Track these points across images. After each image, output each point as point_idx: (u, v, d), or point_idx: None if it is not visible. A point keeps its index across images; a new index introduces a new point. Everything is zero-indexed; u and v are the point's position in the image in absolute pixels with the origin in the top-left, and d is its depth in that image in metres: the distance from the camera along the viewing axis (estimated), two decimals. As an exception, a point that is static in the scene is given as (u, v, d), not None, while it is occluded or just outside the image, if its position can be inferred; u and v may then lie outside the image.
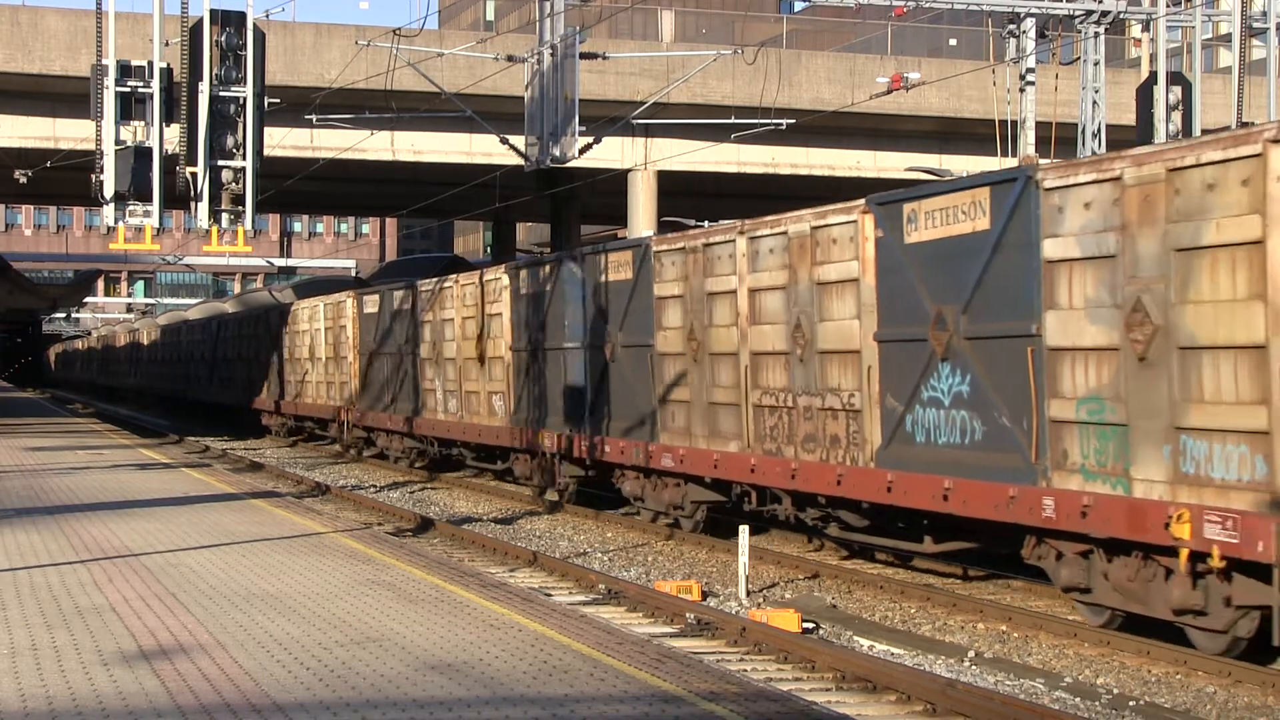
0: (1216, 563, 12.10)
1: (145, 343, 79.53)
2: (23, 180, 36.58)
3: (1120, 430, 13.16)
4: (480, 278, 28.96)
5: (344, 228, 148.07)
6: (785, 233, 18.38)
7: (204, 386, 59.82)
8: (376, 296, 36.36)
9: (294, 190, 44.08)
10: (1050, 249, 13.96)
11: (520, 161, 27.73)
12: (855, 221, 17.03)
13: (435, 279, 32.73)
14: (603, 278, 23.28)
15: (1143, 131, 28.64)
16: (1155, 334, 12.76)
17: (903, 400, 16.22)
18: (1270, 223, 11.73)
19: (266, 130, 21.65)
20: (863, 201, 17.01)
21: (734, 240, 19.51)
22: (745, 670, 12.02)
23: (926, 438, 15.87)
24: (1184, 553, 12.36)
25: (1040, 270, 14.06)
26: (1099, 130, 29.45)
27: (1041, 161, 14.38)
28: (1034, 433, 14.15)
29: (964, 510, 15.10)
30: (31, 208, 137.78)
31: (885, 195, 16.69)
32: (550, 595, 15.67)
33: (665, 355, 21.39)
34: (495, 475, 30.20)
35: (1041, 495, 13.95)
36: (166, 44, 20.98)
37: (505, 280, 27.54)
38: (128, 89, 20.58)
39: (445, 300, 30.81)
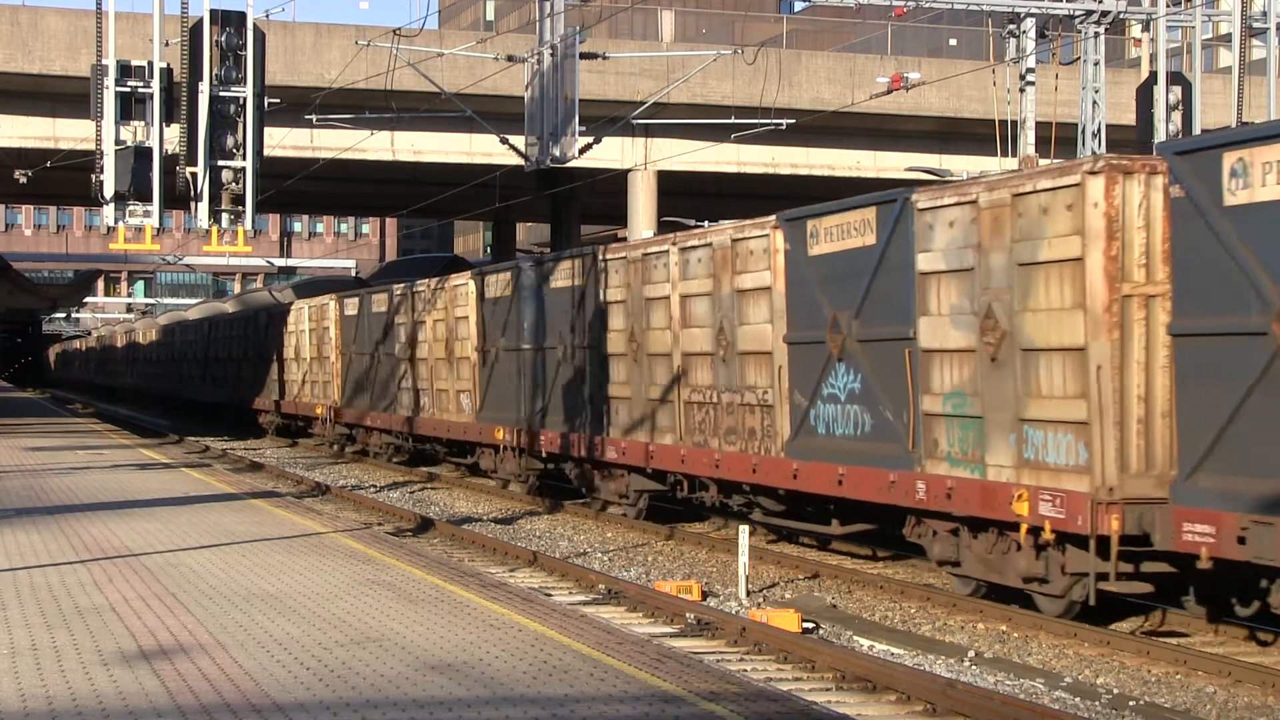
0: (1048, 535, 14.06)
1: (141, 343, 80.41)
2: (23, 180, 36.57)
3: (977, 422, 15.12)
4: (449, 283, 30.95)
5: (344, 228, 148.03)
6: (710, 245, 20.29)
7: (197, 386, 61.05)
8: (356, 300, 38.15)
9: (294, 190, 44.06)
10: (923, 262, 15.89)
11: (520, 161, 27.72)
12: (768, 236, 18.90)
13: (406, 283, 34.47)
14: (557, 284, 25.18)
15: (1143, 131, 28.60)
16: (1003, 338, 14.72)
17: (807, 396, 18.11)
18: (1088, 243, 13.68)
19: (266, 130, 21.63)
20: (774, 218, 18.84)
21: (668, 251, 21.43)
22: (745, 670, 12.02)
23: (826, 430, 17.76)
24: (1024, 527, 14.37)
25: (915, 281, 15.98)
26: (1099, 130, 29.42)
27: (917, 186, 16.33)
28: (911, 424, 16.09)
29: (855, 494, 17.08)
30: (31, 208, 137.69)
31: (792, 212, 18.51)
32: (550, 595, 15.67)
33: (611, 355, 23.25)
34: (469, 469, 31.53)
35: (916, 480, 15.90)
36: (166, 44, 20.95)
37: (471, 286, 29.36)
38: (128, 89, 20.55)
39: (418, 303, 32.72)
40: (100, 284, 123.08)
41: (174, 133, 20.41)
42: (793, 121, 35.36)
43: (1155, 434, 13.58)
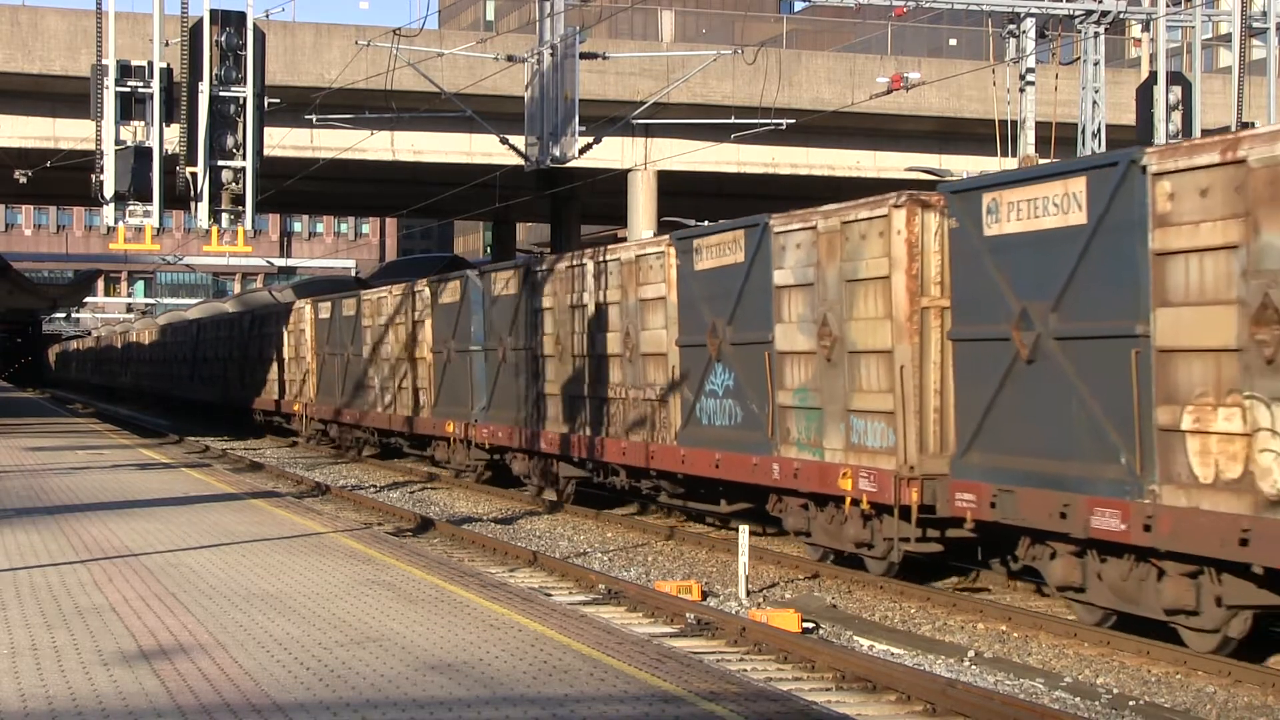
0: (866, 506, 16.77)
1: (137, 343, 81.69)
2: (23, 180, 36.53)
3: (817, 412, 17.83)
4: (407, 289, 33.85)
5: (344, 228, 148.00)
6: (619, 259, 23.00)
7: (187, 385, 63.48)
8: (329, 304, 40.67)
9: (294, 190, 44.04)
10: (778, 278, 18.58)
11: (520, 161, 27.68)
12: (663, 252, 21.67)
13: (373, 289, 36.95)
14: (499, 292, 27.86)
15: (1142, 131, 28.58)
16: (835, 342, 17.46)
17: (694, 392, 20.75)
18: (893, 264, 16.45)
19: (266, 130, 21.60)
20: (668, 237, 21.71)
21: (586, 264, 24.08)
22: (745, 670, 12.03)
23: (708, 421, 20.43)
24: (848, 500, 17.04)
25: (773, 293, 18.66)
26: (1099, 130, 29.40)
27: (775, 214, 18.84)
28: (770, 416, 18.74)
29: (728, 475, 19.73)
30: (31, 208, 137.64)
31: (682, 233, 21.50)
32: (550, 595, 15.67)
33: (542, 357, 25.87)
34: (432, 461, 33.43)
35: (772, 462, 18.59)
36: (166, 44, 20.92)
37: (427, 292, 32.30)
38: (128, 89, 20.51)
39: (382, 308, 35.99)
40: (100, 284, 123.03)
41: (174, 133, 20.38)
42: (793, 121, 35.33)
43: (948, 422, 16.13)
